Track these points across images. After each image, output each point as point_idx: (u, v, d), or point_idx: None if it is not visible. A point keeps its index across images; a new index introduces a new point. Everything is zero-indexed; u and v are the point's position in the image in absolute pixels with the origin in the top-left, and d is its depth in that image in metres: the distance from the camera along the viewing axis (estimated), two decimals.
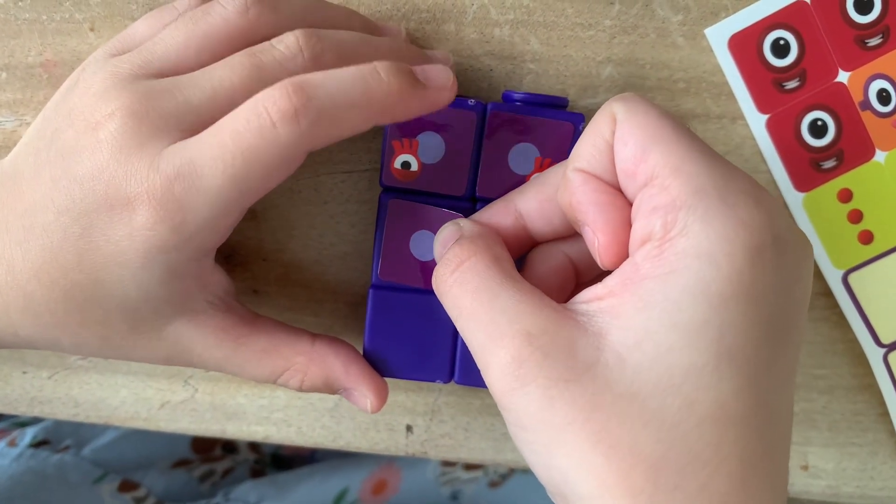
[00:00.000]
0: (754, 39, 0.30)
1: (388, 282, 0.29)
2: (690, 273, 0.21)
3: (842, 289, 0.32)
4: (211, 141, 0.23)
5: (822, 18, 0.30)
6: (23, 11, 0.31)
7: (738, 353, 0.21)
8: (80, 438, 0.43)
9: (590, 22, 0.30)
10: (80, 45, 0.31)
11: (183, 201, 0.23)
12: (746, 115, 0.30)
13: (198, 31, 0.25)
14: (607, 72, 0.31)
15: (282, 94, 0.23)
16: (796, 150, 0.31)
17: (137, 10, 0.31)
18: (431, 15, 0.30)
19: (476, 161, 0.28)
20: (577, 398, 0.21)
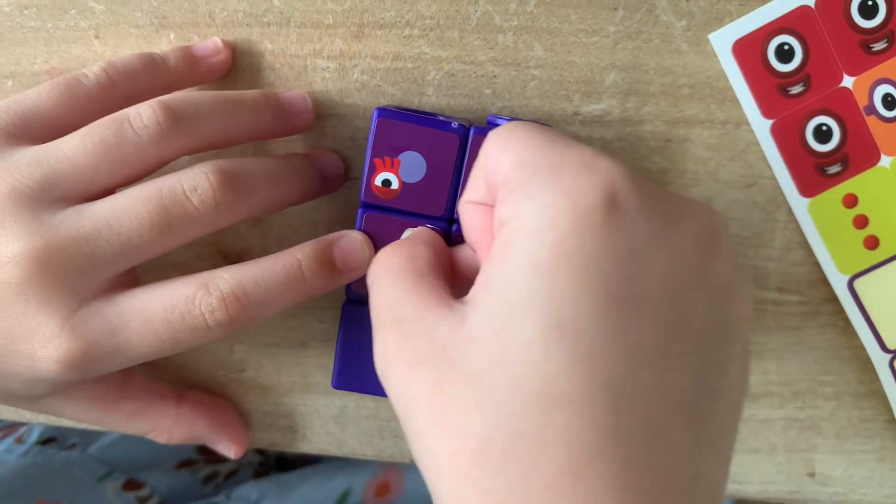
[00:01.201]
0: (758, 44, 0.30)
1: (361, 294, 0.29)
2: (519, 249, 0.20)
3: (847, 294, 0.31)
4: (138, 317, 0.25)
5: (826, 23, 0.29)
6: (28, 19, 0.31)
7: (569, 323, 0.19)
8: (87, 436, 0.43)
9: (593, 28, 0.30)
10: (85, 52, 0.31)
11: (98, 361, 0.25)
12: (751, 120, 0.30)
13: (108, 156, 0.25)
14: (611, 78, 0.31)
15: (220, 306, 0.25)
16: (801, 156, 0.30)
17: (142, 18, 0.31)
18: (435, 21, 0.30)
19: (457, 183, 0.28)
20: (424, 378, 0.21)
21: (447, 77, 0.31)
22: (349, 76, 0.31)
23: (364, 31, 0.31)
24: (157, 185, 0.25)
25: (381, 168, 0.28)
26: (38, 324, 0.24)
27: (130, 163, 0.25)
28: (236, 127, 0.28)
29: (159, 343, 0.25)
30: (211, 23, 0.31)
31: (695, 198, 0.24)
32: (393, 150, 0.28)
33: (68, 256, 0.23)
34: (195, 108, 0.26)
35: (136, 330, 0.25)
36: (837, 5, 0.29)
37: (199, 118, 0.26)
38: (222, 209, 0.25)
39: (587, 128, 0.31)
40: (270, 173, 0.27)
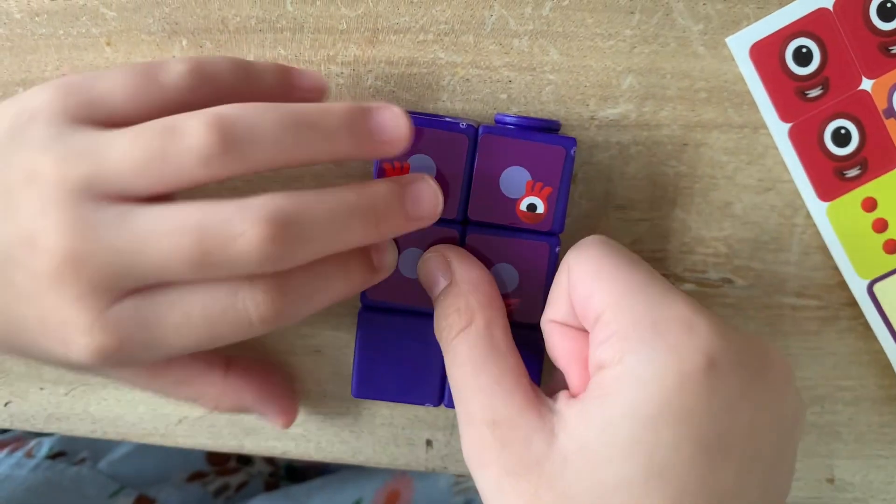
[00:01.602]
0: (776, 48, 0.29)
1: (377, 301, 0.29)
2: (624, 396, 0.23)
3: (867, 299, 0.31)
4: (175, 312, 0.23)
5: (844, 26, 0.29)
6: (39, 27, 0.31)
7: (668, 470, 0.22)
8: (97, 450, 0.43)
9: (610, 32, 0.30)
10: (96, 59, 0.31)
11: (132, 355, 0.24)
12: (769, 124, 0.30)
13: (153, 168, 0.23)
14: (628, 82, 0.30)
15: (266, 300, 0.23)
16: (819, 160, 0.30)
17: (154, 24, 0.30)
18: (450, 27, 0.30)
19: (467, 184, 0.28)
20: (522, 491, 0.23)
21: (462, 82, 0.31)
22: (363, 82, 0.31)
23: (378, 36, 0.30)
24: (201, 219, 0.22)
25: (391, 172, 0.28)
26: (71, 316, 0.23)
27: (175, 178, 0.23)
28: (302, 155, 0.24)
29: (197, 338, 0.24)
30: (224, 29, 0.30)
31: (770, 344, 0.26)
32: (401, 154, 0.27)
33: (102, 263, 0.23)
34: (254, 131, 0.23)
35: (172, 325, 0.23)
36: (856, 7, 0.29)
37: (257, 143, 0.23)
38: (268, 262, 0.23)
39: (603, 132, 0.31)
40: (339, 220, 0.24)
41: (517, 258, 0.28)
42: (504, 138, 0.28)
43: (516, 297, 0.29)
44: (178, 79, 0.25)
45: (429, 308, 0.28)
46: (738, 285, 0.32)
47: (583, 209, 0.31)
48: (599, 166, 0.31)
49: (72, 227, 0.23)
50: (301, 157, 0.24)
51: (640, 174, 0.31)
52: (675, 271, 0.32)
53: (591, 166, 0.31)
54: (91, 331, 0.23)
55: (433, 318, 0.28)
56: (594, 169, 0.31)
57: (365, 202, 0.24)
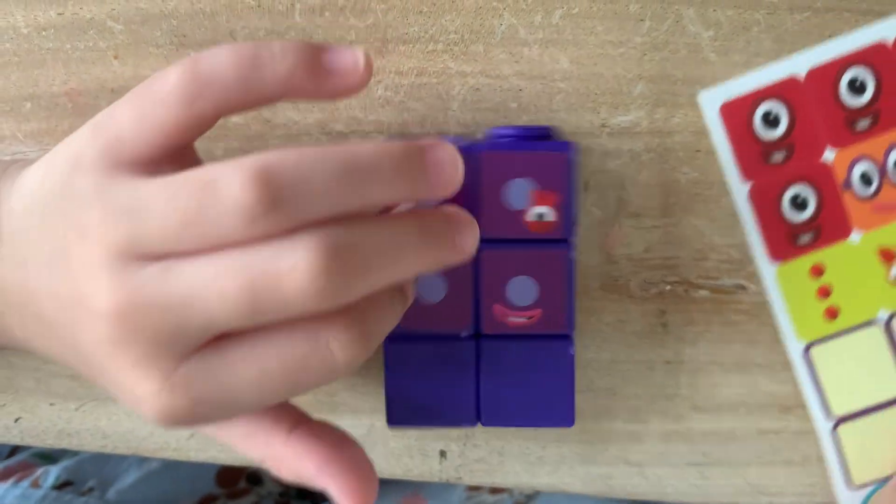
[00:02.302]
0: (746, 109, 0.30)
1: (401, 331, 0.28)
2: None
3: (802, 361, 0.32)
4: (251, 367, 0.22)
5: (814, 96, 0.30)
6: (46, 41, 0.30)
7: None
8: (104, 479, 0.42)
9: (620, 39, 0.30)
10: (104, 73, 0.31)
11: (206, 416, 0.23)
12: (729, 181, 0.30)
13: (193, 229, 0.21)
14: (639, 89, 0.30)
15: (349, 339, 0.22)
16: (775, 222, 0.31)
17: (162, 37, 0.30)
18: (459, 36, 0.30)
19: (473, 203, 0.28)
20: None
21: (472, 92, 0.30)
22: (373, 93, 0.31)
23: (387, 46, 0.30)
24: (245, 259, 0.21)
25: None
26: (136, 382, 0.22)
27: (218, 239, 0.21)
28: (355, 205, 0.22)
29: (275, 391, 0.22)
30: (232, 41, 0.30)
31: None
32: None
33: (153, 324, 0.21)
34: (302, 184, 0.20)
35: (247, 380, 0.22)
36: (827, 80, 0.29)
37: (306, 198, 0.21)
38: (323, 298, 0.21)
39: (615, 140, 0.31)
40: (394, 248, 0.22)
41: (534, 269, 0.28)
42: (504, 152, 0.28)
43: (538, 307, 0.29)
44: (174, 95, 0.23)
45: (453, 331, 0.29)
46: (751, 291, 0.32)
47: (595, 217, 0.31)
48: (611, 174, 0.31)
49: (118, 289, 0.21)
50: (353, 207, 0.22)
51: (652, 181, 0.31)
52: (688, 278, 0.32)
53: (603, 174, 0.31)
54: (159, 395, 0.22)
55: (459, 340, 0.28)
56: (606, 177, 0.31)
57: (422, 231, 0.23)
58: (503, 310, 0.29)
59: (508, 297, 0.28)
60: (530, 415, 0.29)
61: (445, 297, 0.29)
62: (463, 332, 0.29)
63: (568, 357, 0.29)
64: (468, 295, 0.28)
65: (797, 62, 0.29)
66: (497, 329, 0.29)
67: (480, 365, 0.29)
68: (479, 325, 0.29)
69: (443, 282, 0.28)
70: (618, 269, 0.32)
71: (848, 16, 0.30)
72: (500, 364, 0.29)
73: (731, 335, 0.32)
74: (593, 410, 0.33)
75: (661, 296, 0.32)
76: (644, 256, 0.32)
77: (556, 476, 0.34)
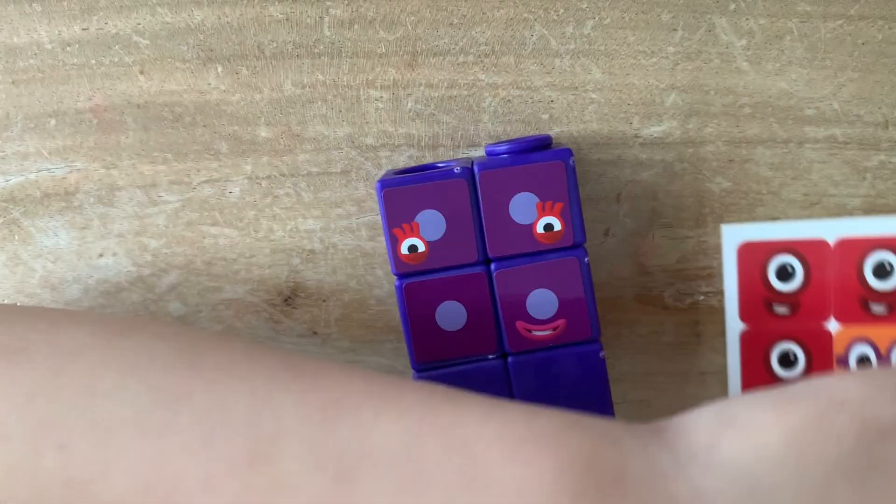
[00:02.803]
0: (764, 255, 0.29)
1: (428, 363, 0.28)
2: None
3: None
4: None
5: (838, 265, 0.28)
6: (71, 56, 0.30)
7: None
8: None
9: (652, 49, 0.30)
10: (130, 88, 0.30)
11: None
12: (728, 316, 0.30)
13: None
14: (671, 99, 0.30)
15: None
16: (759, 372, 0.30)
17: (188, 52, 0.30)
18: (490, 48, 0.30)
19: (479, 224, 0.28)
20: None
21: (503, 103, 0.30)
22: (403, 106, 0.30)
23: (417, 59, 0.30)
24: None
25: (403, 236, 0.28)
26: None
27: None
28: None
29: None
30: (260, 55, 0.30)
31: None
32: (408, 216, 0.27)
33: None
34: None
35: None
36: (853, 255, 0.28)
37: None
38: None
39: (647, 150, 0.30)
40: None
41: (551, 280, 0.28)
42: (501, 169, 0.27)
43: (561, 318, 0.28)
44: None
45: (479, 354, 0.28)
46: None
47: (628, 228, 0.31)
48: (644, 184, 0.31)
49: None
50: None
51: (685, 191, 0.31)
52: (722, 289, 0.32)
53: (636, 184, 0.31)
54: None
55: (487, 363, 0.28)
56: (639, 187, 0.31)
57: None
58: (526, 325, 0.28)
59: (530, 311, 0.28)
60: None
61: (467, 322, 0.28)
62: (490, 355, 0.29)
63: (599, 360, 0.29)
64: (489, 317, 0.28)
65: (830, 227, 0.28)
66: (523, 346, 0.29)
67: (512, 384, 0.29)
68: (504, 344, 0.29)
69: (462, 308, 0.28)
70: (651, 280, 0.32)
71: (882, 23, 0.29)
72: (532, 379, 0.29)
73: None
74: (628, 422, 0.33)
75: (696, 307, 0.32)
76: (678, 267, 0.31)
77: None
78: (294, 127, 0.30)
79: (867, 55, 0.30)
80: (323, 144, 0.31)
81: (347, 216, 0.31)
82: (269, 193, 0.31)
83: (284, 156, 0.31)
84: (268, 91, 0.30)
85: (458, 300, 0.28)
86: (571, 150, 0.27)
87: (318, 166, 0.31)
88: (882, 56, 0.30)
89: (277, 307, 0.32)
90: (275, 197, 0.31)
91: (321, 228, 0.31)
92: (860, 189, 0.31)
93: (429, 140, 0.31)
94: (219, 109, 0.30)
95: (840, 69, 0.30)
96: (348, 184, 0.31)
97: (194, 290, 0.32)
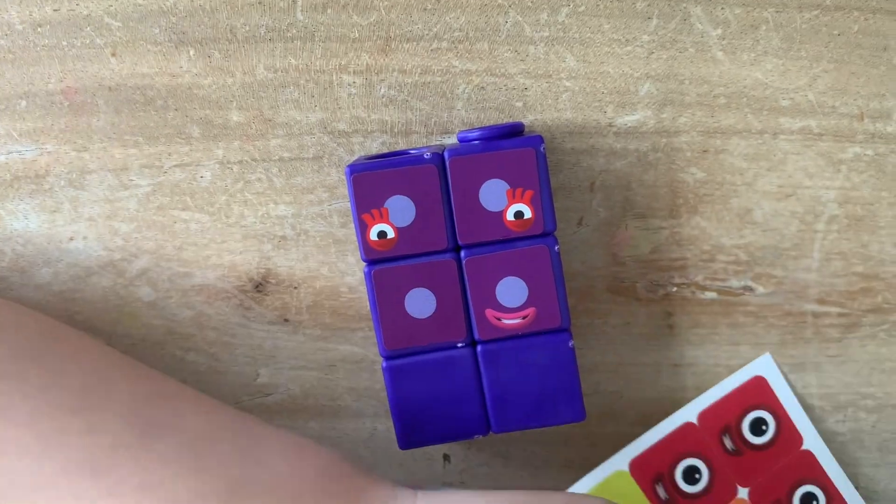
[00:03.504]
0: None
1: (397, 350, 0.28)
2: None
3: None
4: None
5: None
6: (42, 38, 0.30)
7: None
8: None
9: (627, 38, 0.30)
10: (101, 70, 0.30)
11: None
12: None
13: None
14: (646, 88, 0.30)
15: None
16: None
17: (160, 34, 0.30)
18: (464, 34, 0.30)
19: (449, 211, 0.28)
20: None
21: (477, 90, 0.30)
22: (376, 91, 0.30)
23: (391, 44, 0.30)
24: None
25: (372, 222, 0.27)
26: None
27: None
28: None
29: None
30: (232, 38, 0.30)
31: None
32: (377, 201, 0.27)
33: None
34: None
35: None
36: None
37: None
38: None
39: (622, 140, 0.30)
40: None
41: (520, 268, 0.28)
42: (471, 156, 0.27)
43: (531, 306, 0.28)
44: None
45: (448, 342, 0.28)
46: (759, 293, 0.31)
47: (601, 218, 0.31)
48: (618, 174, 0.31)
49: None
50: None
51: (659, 182, 0.31)
52: (695, 280, 0.31)
53: (609, 174, 0.31)
54: None
55: (456, 351, 0.28)
56: (612, 177, 0.31)
57: None
58: (496, 313, 0.28)
59: (499, 299, 0.28)
60: (540, 415, 0.29)
61: (436, 310, 0.28)
62: (459, 343, 0.28)
63: (568, 350, 0.28)
64: (458, 304, 0.28)
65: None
66: (493, 334, 0.28)
67: (482, 372, 0.29)
68: (474, 332, 0.28)
69: (431, 295, 0.28)
70: (624, 270, 0.31)
71: (857, 14, 0.29)
72: (502, 368, 0.29)
73: (739, 337, 0.32)
74: (599, 413, 0.32)
75: (668, 298, 0.32)
76: (651, 258, 0.31)
77: (561, 480, 0.33)
78: (266, 111, 0.30)
79: (843, 46, 0.29)
80: (295, 129, 0.30)
81: (319, 202, 0.31)
82: (241, 178, 0.31)
83: (256, 140, 0.30)
84: (240, 75, 0.30)
85: (428, 287, 0.28)
86: (542, 137, 0.27)
87: (290, 151, 0.31)
88: (858, 47, 0.29)
89: (248, 294, 0.32)
90: (246, 182, 0.31)
91: (293, 214, 0.31)
92: (835, 181, 0.31)
93: (402, 126, 0.30)
94: (190, 93, 0.30)
95: (815, 60, 0.30)
96: (320, 170, 0.31)
97: (164, 276, 0.32)
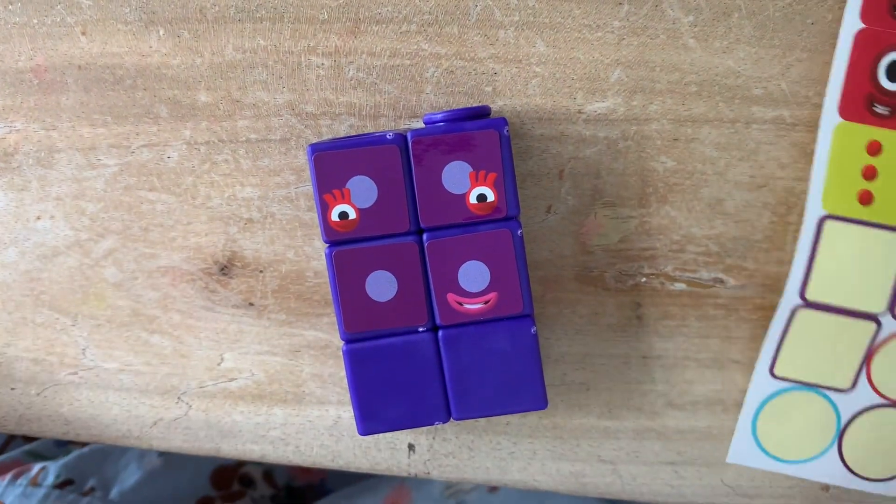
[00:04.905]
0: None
1: (357, 334, 0.28)
2: None
3: (812, 227, 0.30)
4: None
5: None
6: (13, 15, 0.30)
7: None
8: (104, 478, 0.41)
9: (598, 23, 0.29)
10: (71, 49, 0.30)
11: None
12: (847, 12, 0.28)
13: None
14: (616, 75, 0.30)
15: None
16: (863, 78, 0.29)
17: (130, 14, 0.30)
18: (433, 17, 0.29)
19: (411, 193, 0.27)
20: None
21: (446, 74, 0.30)
22: (344, 73, 0.30)
23: (360, 26, 0.29)
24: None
25: (333, 203, 0.27)
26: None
27: None
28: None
29: None
30: (202, 18, 0.30)
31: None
32: (339, 182, 0.27)
33: None
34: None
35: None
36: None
37: None
38: None
39: (591, 127, 0.30)
40: None
41: (483, 252, 0.28)
42: (434, 136, 0.27)
43: (493, 291, 0.28)
44: None
45: (409, 326, 0.28)
46: (730, 285, 0.31)
47: (570, 206, 0.31)
48: (587, 161, 0.30)
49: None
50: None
51: (628, 170, 0.30)
52: (665, 271, 0.31)
53: (579, 161, 0.30)
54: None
55: (417, 336, 0.28)
56: (582, 164, 0.30)
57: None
58: (457, 298, 0.28)
59: (461, 284, 0.28)
60: (501, 402, 0.28)
61: (397, 293, 0.28)
62: (420, 327, 0.28)
63: (530, 336, 0.28)
64: (420, 288, 0.28)
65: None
66: (454, 318, 0.28)
67: (443, 357, 0.28)
68: (435, 317, 0.28)
69: (392, 278, 0.28)
70: (593, 259, 0.31)
71: (832, 3, 0.29)
72: (463, 353, 0.28)
73: (708, 330, 0.31)
74: (566, 405, 0.32)
75: (637, 288, 0.31)
76: (620, 247, 0.31)
77: (527, 472, 0.33)
78: (234, 92, 0.30)
79: (816, 35, 0.29)
80: (263, 111, 0.30)
81: (286, 185, 0.31)
82: (208, 159, 0.31)
83: (224, 121, 0.30)
84: (209, 55, 0.30)
85: (389, 270, 0.28)
86: (506, 120, 0.27)
87: (257, 133, 0.30)
88: (831, 37, 0.29)
89: (213, 276, 0.31)
90: (213, 163, 0.31)
91: (259, 197, 0.31)
92: (808, 172, 0.30)
93: (370, 109, 0.30)
94: (159, 73, 0.30)
95: (789, 48, 0.29)
96: (287, 152, 0.30)
97: (131, 256, 0.31)
